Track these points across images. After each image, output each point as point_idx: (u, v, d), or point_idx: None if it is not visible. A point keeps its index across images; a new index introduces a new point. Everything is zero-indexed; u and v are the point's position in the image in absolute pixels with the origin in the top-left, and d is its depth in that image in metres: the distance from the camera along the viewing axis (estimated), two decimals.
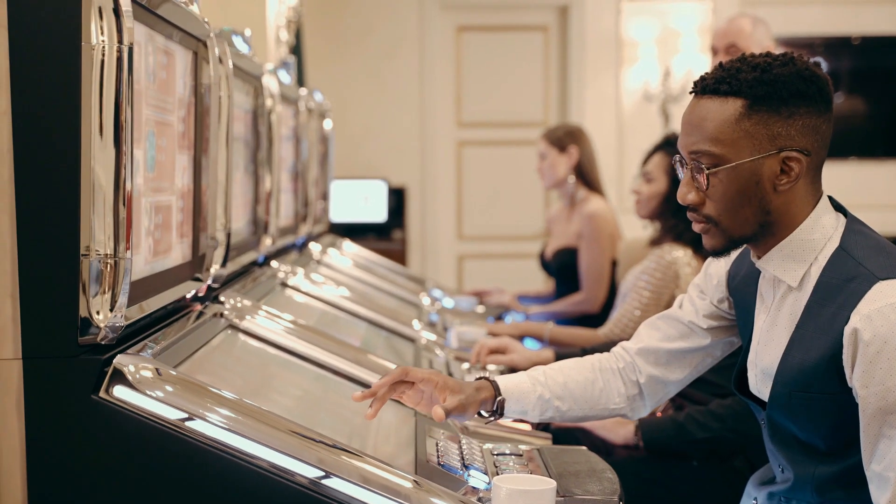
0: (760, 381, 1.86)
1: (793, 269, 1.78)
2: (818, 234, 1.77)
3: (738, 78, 1.74)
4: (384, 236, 7.38)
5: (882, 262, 1.71)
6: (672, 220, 3.37)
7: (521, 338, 3.45)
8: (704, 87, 1.78)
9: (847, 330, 1.67)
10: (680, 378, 2.07)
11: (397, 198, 7.56)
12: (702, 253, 3.33)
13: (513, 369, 2.84)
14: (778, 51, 1.91)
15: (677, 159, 1.82)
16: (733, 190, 1.74)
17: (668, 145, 3.41)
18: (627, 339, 3.02)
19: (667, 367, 2.06)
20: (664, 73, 7.54)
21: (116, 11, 1.48)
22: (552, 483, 1.69)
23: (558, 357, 2.91)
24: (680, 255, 3.31)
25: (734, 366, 2.60)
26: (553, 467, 1.92)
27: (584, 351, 2.95)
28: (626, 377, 2.06)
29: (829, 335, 1.70)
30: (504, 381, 1.98)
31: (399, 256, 7.01)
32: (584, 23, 7.66)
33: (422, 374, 1.90)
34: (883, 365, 1.63)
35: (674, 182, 3.35)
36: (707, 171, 1.75)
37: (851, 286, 1.70)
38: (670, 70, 7.53)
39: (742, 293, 1.94)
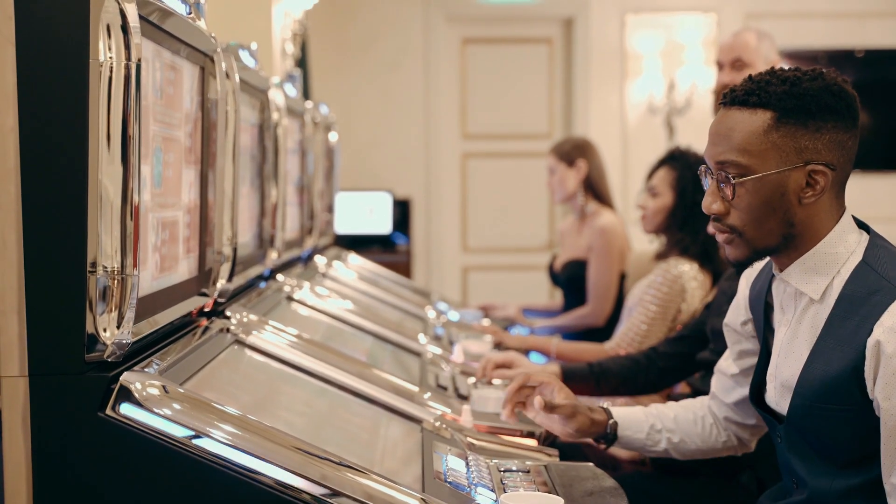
0: (779, 394, 1.87)
1: (815, 282, 1.79)
2: (841, 248, 1.78)
3: (767, 90, 1.76)
4: (389, 248, 7.39)
5: None
6: (678, 234, 3.36)
7: (526, 352, 3.44)
8: (734, 99, 1.80)
9: (870, 342, 1.67)
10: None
11: (402, 210, 7.56)
12: (707, 267, 3.33)
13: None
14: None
15: (703, 169, 1.84)
16: (759, 201, 1.76)
17: (672, 159, 3.41)
18: (633, 353, 3.03)
19: (738, 412, 2.10)
20: (668, 86, 7.55)
21: (124, 28, 1.48)
22: (559, 501, 1.68)
23: (564, 372, 2.91)
24: (686, 268, 3.30)
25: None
26: (560, 484, 1.91)
27: (590, 366, 2.94)
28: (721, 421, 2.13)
29: (851, 347, 1.70)
30: (618, 409, 2.08)
31: (404, 268, 7.01)
32: (588, 35, 7.67)
33: (541, 377, 2.11)
34: None
35: (679, 196, 3.35)
36: (734, 182, 1.77)
37: (874, 299, 1.70)
38: (675, 83, 7.53)
39: (757, 308, 1.96)
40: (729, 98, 1.81)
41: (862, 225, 1.84)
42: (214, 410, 1.60)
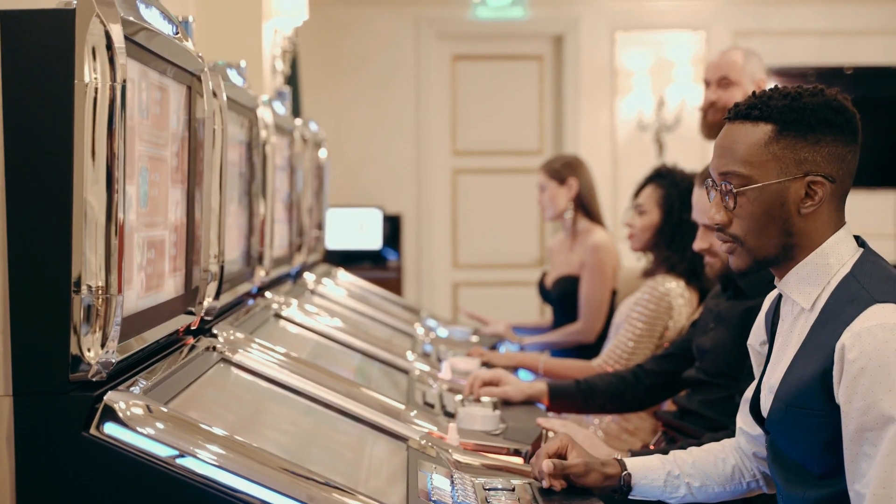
0: (767, 399, 1.90)
1: (807, 292, 1.83)
2: (833, 260, 1.82)
3: (768, 104, 1.83)
4: (380, 264, 7.40)
5: (886, 288, 1.75)
6: (665, 252, 3.37)
7: (515, 369, 3.44)
8: (737, 113, 1.87)
9: (837, 346, 1.71)
10: None
11: (393, 225, 7.57)
12: (694, 284, 3.34)
13: (507, 402, 2.85)
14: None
15: (709, 183, 1.90)
16: (759, 210, 1.82)
17: (658, 177, 3.42)
18: (620, 371, 3.03)
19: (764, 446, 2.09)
20: (658, 103, 7.58)
21: (109, 49, 1.49)
22: None
23: (551, 389, 2.91)
24: (673, 286, 3.32)
25: (726, 399, 2.62)
26: (543, 502, 1.92)
27: (577, 383, 2.95)
28: (748, 460, 2.11)
29: (823, 352, 1.74)
30: (632, 460, 2.06)
31: (394, 284, 7.02)
32: (578, 52, 7.70)
33: (555, 443, 2.06)
34: (865, 382, 1.66)
35: (666, 213, 3.36)
36: (735, 191, 1.82)
37: (850, 307, 1.74)
38: (664, 99, 7.57)
39: (768, 323, 2.01)
40: (733, 113, 1.88)
41: (859, 241, 1.88)
42: (199, 430, 1.60)
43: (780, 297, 1.97)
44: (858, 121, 1.85)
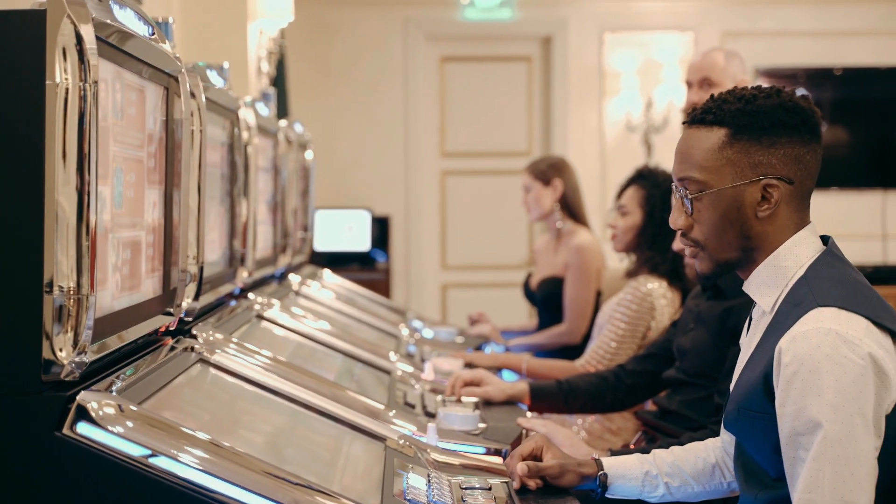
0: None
1: (767, 295, 1.85)
2: (790, 262, 1.82)
3: (722, 108, 1.83)
4: (368, 266, 7.40)
5: (832, 292, 1.74)
6: (648, 252, 3.38)
7: (498, 370, 3.45)
8: (693, 118, 1.88)
9: (776, 350, 1.72)
10: None
11: (381, 227, 7.58)
12: (676, 285, 3.35)
13: (488, 402, 2.85)
14: (754, 83, 1.98)
15: (674, 187, 1.90)
16: (717, 215, 1.82)
17: (640, 178, 3.43)
18: (602, 371, 3.04)
19: None
20: (646, 104, 7.60)
21: (80, 50, 1.49)
22: None
23: (533, 389, 2.92)
24: (655, 286, 3.33)
25: (706, 399, 2.63)
26: (520, 502, 1.92)
27: (559, 383, 2.96)
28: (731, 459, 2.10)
29: (768, 355, 1.75)
30: (609, 459, 2.06)
31: (383, 286, 7.02)
32: (566, 54, 7.72)
33: (531, 443, 2.08)
34: (797, 385, 1.67)
35: (648, 214, 3.37)
36: (692, 196, 1.84)
37: (796, 311, 1.75)
38: (652, 100, 7.58)
39: (746, 324, 2.01)
40: (689, 118, 1.89)
41: (826, 241, 1.87)
42: (172, 429, 1.60)
43: None
44: (818, 119, 1.84)
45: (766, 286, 1.84)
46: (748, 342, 1.91)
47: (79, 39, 1.49)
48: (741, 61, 3.71)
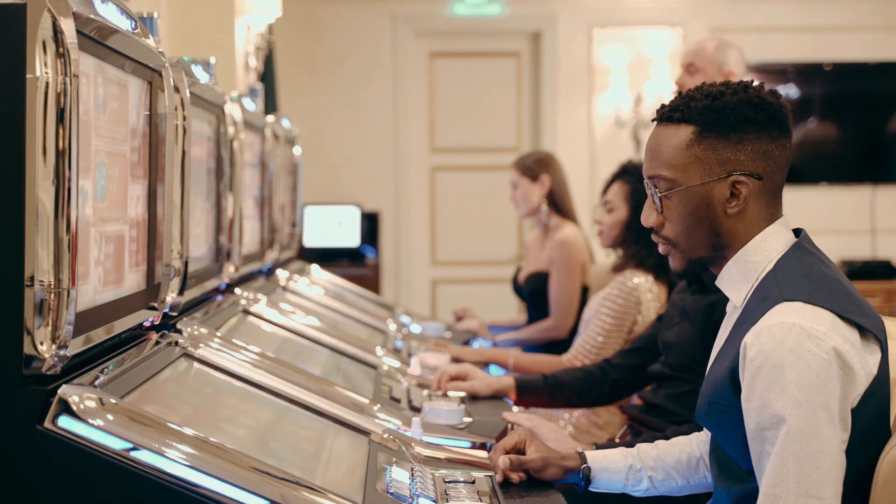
0: None
1: (738, 290, 1.85)
2: (760, 256, 1.82)
3: (689, 106, 1.83)
4: (357, 261, 7.40)
5: (800, 286, 1.74)
6: (634, 247, 3.39)
7: (485, 364, 3.45)
8: (662, 116, 1.88)
9: (741, 344, 1.72)
10: None
11: (371, 223, 7.58)
12: (663, 279, 3.36)
13: (474, 397, 2.86)
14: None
15: (646, 184, 1.90)
16: (686, 212, 1.83)
17: (625, 173, 3.43)
18: (588, 365, 3.05)
19: None
20: (635, 100, 7.60)
21: (60, 44, 1.49)
22: None
23: (519, 384, 2.92)
24: (641, 281, 3.33)
25: (691, 393, 2.64)
26: (503, 495, 1.93)
27: (545, 378, 2.96)
28: None
29: (734, 349, 1.76)
30: (593, 453, 2.06)
31: (373, 281, 7.02)
32: (556, 49, 7.72)
33: (514, 437, 2.07)
34: (762, 380, 1.67)
35: (634, 209, 3.37)
36: (661, 194, 1.84)
37: (763, 305, 1.75)
38: (641, 96, 7.59)
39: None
40: (658, 115, 1.89)
41: (799, 234, 1.87)
42: (153, 422, 1.60)
43: None
44: (786, 114, 1.83)
45: (736, 281, 1.85)
46: (719, 337, 1.92)
47: (59, 33, 1.49)
48: (738, 53, 3.68)
